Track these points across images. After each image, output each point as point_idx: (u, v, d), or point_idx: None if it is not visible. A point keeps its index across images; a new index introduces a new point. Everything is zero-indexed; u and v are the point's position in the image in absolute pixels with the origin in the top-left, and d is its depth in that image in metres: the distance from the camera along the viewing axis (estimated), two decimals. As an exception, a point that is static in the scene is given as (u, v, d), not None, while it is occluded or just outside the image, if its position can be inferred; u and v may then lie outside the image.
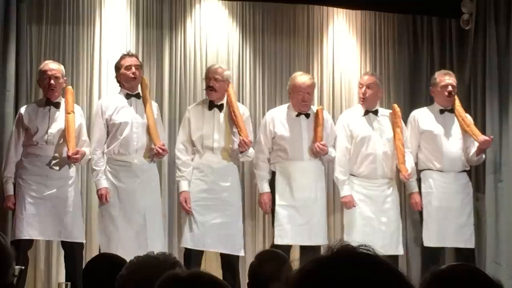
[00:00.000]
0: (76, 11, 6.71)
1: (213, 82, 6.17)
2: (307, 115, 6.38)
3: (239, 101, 7.04)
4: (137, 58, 6.22)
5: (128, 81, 6.08)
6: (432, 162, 6.60)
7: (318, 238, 6.25)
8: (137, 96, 6.14)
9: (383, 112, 6.67)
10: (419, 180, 6.64)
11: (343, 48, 7.45)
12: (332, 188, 6.95)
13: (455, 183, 6.59)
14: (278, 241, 6.19)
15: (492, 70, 7.11)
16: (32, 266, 6.24)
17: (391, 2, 7.49)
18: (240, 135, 6.10)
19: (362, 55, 7.52)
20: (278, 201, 6.25)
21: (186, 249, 6.11)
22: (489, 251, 6.89)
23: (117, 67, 6.14)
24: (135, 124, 6.03)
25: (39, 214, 5.79)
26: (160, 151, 6.00)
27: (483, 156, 6.74)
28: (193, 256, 6.03)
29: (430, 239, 6.49)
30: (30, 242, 5.85)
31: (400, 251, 6.48)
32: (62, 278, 6.24)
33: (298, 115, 6.38)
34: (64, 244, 5.93)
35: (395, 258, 6.28)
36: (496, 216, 6.93)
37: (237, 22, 7.18)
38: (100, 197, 5.96)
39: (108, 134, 6.05)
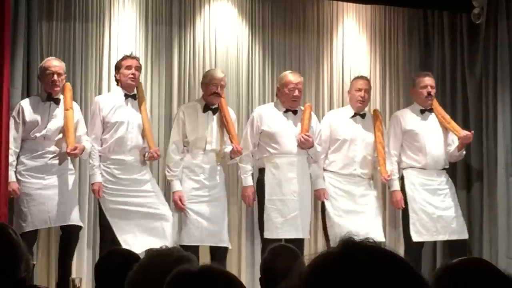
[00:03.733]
0: (86, 9, 6.72)
1: (220, 89, 6.32)
2: (295, 112, 6.49)
3: (249, 97, 7.07)
4: (138, 61, 6.33)
5: (127, 80, 6.20)
6: (415, 161, 6.71)
7: (304, 231, 6.40)
8: (134, 97, 6.26)
9: (367, 114, 6.79)
10: (401, 179, 6.72)
11: (353, 43, 7.44)
12: None
13: (437, 180, 6.70)
14: (267, 235, 6.29)
15: (504, 64, 7.08)
16: (45, 262, 6.28)
17: (401, -3, 7.49)
18: (232, 141, 6.26)
19: (372, 50, 7.51)
20: (267, 195, 6.36)
21: (182, 246, 6.17)
22: (501, 246, 6.87)
23: (118, 66, 6.28)
24: (130, 124, 6.17)
25: (41, 204, 5.87)
26: (155, 155, 6.15)
27: (464, 151, 6.84)
28: (191, 251, 6.10)
29: (420, 234, 6.58)
30: (34, 237, 5.92)
31: (382, 238, 6.54)
32: (74, 273, 6.27)
33: (286, 112, 6.48)
34: (64, 229, 5.98)
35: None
36: (508, 211, 6.92)
37: (246, 18, 7.17)
38: (93, 191, 6.10)
39: (103, 132, 6.17)
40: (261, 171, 6.46)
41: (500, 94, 7.06)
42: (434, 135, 6.73)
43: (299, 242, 6.23)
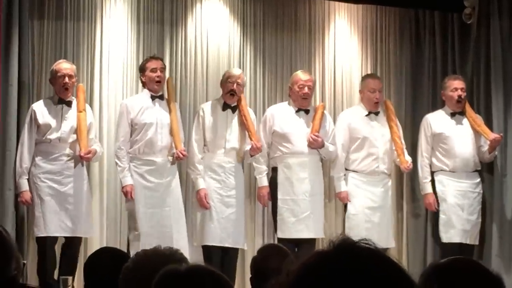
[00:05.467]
0: (77, 8, 6.70)
1: (236, 87, 6.31)
2: (307, 111, 6.49)
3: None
4: (162, 61, 6.37)
5: (153, 83, 6.22)
6: (445, 164, 6.74)
7: (316, 231, 6.40)
8: (161, 97, 6.28)
9: (380, 111, 6.80)
10: (432, 181, 6.76)
11: (344, 42, 7.44)
12: (329, 183, 7.00)
13: (467, 182, 6.74)
14: (279, 234, 6.31)
15: (495, 63, 7.09)
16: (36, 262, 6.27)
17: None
18: (251, 139, 6.24)
19: (363, 50, 7.51)
20: (280, 195, 6.36)
21: (206, 246, 6.24)
22: (494, 245, 6.88)
23: (142, 68, 6.29)
24: (159, 125, 6.19)
25: (55, 211, 5.91)
26: (181, 155, 6.13)
27: (496, 153, 6.87)
28: (214, 252, 6.21)
29: (450, 235, 6.61)
30: (55, 238, 5.97)
31: (392, 243, 6.66)
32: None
33: (297, 111, 6.49)
34: (67, 238, 6.01)
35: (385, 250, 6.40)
36: (500, 210, 6.93)
37: (238, 18, 7.17)
38: (125, 194, 6.11)
39: (131, 134, 6.18)
40: (274, 169, 6.47)
41: (494, 93, 7.07)
42: (464, 138, 6.75)
43: (311, 242, 6.28)
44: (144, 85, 6.33)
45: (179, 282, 1.80)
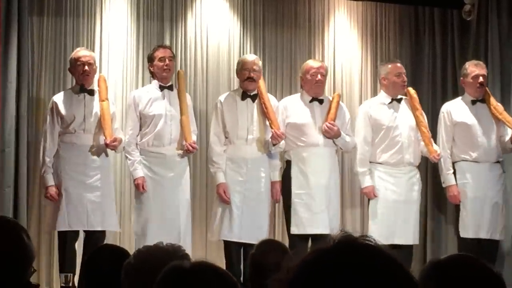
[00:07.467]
0: (77, 4, 6.71)
1: (253, 73, 6.17)
2: (321, 101, 6.34)
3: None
4: (171, 50, 6.27)
5: (162, 72, 6.11)
6: (467, 153, 6.50)
7: (332, 227, 6.15)
8: (170, 88, 6.17)
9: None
10: (453, 173, 6.54)
11: (344, 39, 7.45)
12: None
13: (490, 174, 6.51)
14: (294, 231, 6.15)
15: (494, 61, 7.10)
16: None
17: (392, -7, 7.51)
18: (271, 127, 6.10)
19: (363, 47, 7.51)
20: (294, 190, 6.19)
21: (226, 241, 6.09)
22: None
23: (151, 58, 6.19)
24: (169, 116, 6.07)
25: (80, 204, 5.81)
26: (191, 148, 6.03)
27: None
28: (234, 248, 6.06)
29: (467, 230, 6.41)
30: (76, 233, 5.88)
31: (415, 241, 6.46)
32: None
33: (311, 101, 6.33)
34: (89, 232, 5.91)
35: (410, 248, 6.38)
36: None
37: (238, 14, 7.18)
38: (137, 186, 6.00)
39: (141, 126, 6.08)
40: (288, 163, 6.31)
41: (491, 90, 7.07)
42: (486, 126, 6.51)
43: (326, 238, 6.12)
44: (152, 75, 6.21)
45: (184, 278, 1.81)
